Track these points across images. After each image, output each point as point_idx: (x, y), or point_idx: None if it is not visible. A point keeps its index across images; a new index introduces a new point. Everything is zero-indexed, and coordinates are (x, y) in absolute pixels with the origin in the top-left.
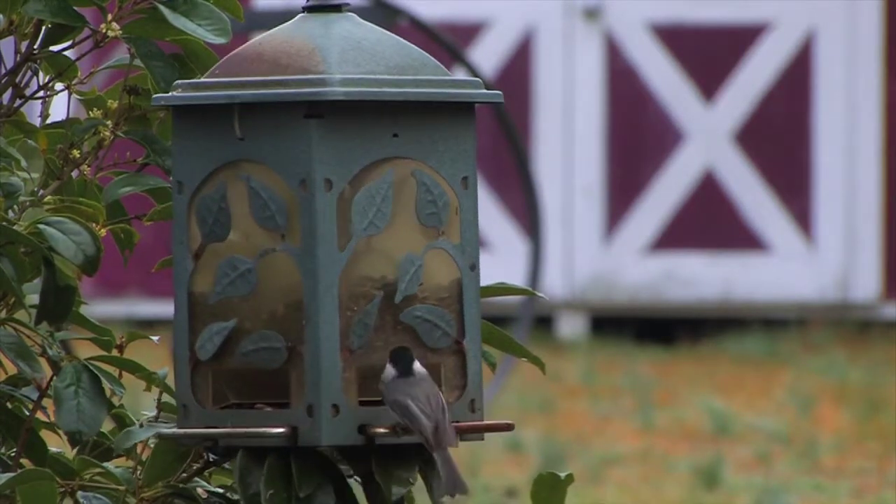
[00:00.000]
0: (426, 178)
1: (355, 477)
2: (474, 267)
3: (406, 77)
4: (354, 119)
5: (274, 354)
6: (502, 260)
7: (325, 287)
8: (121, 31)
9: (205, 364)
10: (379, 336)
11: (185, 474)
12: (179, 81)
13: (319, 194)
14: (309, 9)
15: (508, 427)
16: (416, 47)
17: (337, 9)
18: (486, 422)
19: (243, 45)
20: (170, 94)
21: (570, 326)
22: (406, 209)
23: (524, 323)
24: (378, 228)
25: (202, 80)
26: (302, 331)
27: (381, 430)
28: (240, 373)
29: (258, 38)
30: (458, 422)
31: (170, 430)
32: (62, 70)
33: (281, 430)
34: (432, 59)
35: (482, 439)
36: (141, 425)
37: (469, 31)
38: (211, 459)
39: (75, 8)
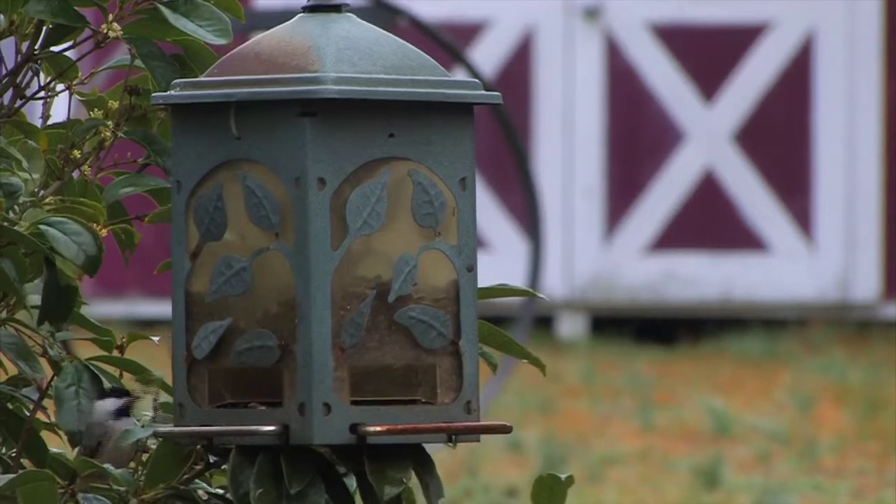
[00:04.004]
0: (422, 178)
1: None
2: (471, 268)
3: (402, 77)
4: (349, 118)
5: (267, 353)
6: (502, 260)
7: (318, 286)
8: (121, 32)
9: (201, 363)
10: (373, 336)
11: (186, 476)
12: (177, 80)
13: (312, 193)
14: (308, 9)
15: (505, 429)
16: (414, 48)
17: (336, 9)
18: (482, 423)
19: (242, 45)
20: (168, 92)
21: (570, 326)
22: (402, 209)
23: (524, 323)
24: (372, 228)
25: (200, 79)
26: (294, 329)
27: (374, 430)
28: (235, 371)
29: (256, 38)
30: (454, 422)
31: (166, 428)
32: (63, 70)
33: (272, 428)
34: (430, 59)
35: (478, 441)
36: (143, 426)
37: (469, 31)
38: (211, 460)
39: (76, 8)
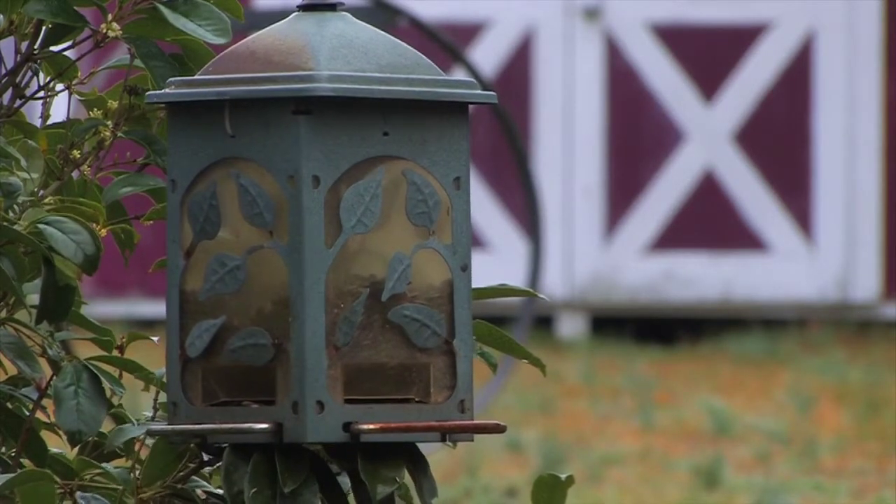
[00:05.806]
0: (417, 177)
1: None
2: (465, 268)
3: (397, 76)
4: (343, 116)
5: (261, 351)
6: (502, 260)
7: (312, 284)
8: (121, 32)
9: (194, 361)
10: (367, 334)
11: (181, 473)
12: (173, 79)
13: (307, 191)
14: (303, 7)
15: (498, 428)
16: (409, 47)
17: (331, 7)
18: (475, 422)
19: (237, 44)
20: (162, 91)
21: (570, 326)
22: (396, 208)
23: (524, 323)
24: (366, 227)
25: (195, 77)
26: (288, 328)
27: (367, 428)
28: (228, 370)
29: (252, 37)
30: (447, 421)
31: (159, 426)
32: (62, 70)
33: (265, 426)
34: (426, 58)
35: (472, 440)
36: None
37: (469, 31)
38: (205, 459)
39: (75, 8)
